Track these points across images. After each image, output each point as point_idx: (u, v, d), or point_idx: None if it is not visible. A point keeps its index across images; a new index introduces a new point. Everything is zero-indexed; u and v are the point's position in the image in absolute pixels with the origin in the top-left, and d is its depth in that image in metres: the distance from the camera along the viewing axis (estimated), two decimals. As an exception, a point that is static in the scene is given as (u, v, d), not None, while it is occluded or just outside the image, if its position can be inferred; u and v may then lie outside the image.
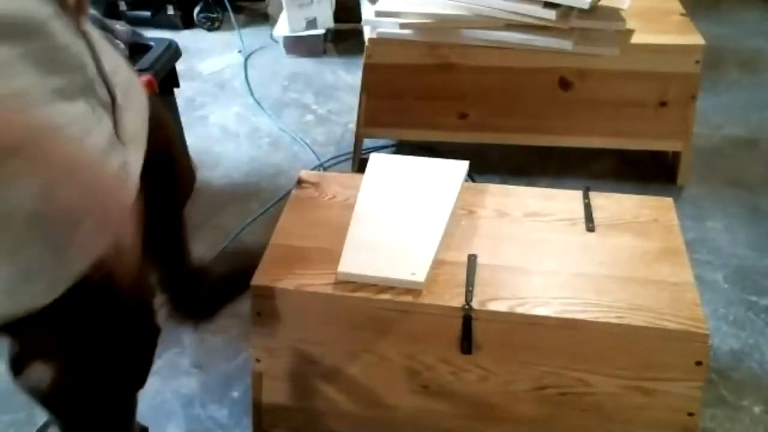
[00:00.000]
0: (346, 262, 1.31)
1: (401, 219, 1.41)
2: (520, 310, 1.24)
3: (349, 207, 1.47)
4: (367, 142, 2.31)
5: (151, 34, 2.19)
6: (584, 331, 1.23)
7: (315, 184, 1.56)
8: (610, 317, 1.22)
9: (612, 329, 1.22)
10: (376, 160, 1.59)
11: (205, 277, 1.76)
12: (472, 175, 2.09)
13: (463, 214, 1.46)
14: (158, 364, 1.68)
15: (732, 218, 2.05)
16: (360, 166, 2.22)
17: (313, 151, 2.40)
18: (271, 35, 3.11)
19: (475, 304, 1.25)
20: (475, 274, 1.31)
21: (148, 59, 1.92)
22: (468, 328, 1.26)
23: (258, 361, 1.39)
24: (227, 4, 3.10)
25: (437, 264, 1.33)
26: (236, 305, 1.82)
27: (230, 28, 3.23)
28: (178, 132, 2.18)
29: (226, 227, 2.09)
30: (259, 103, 2.68)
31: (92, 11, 1.94)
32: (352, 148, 2.30)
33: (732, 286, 1.82)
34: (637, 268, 1.32)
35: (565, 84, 2.07)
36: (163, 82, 1.94)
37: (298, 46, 2.99)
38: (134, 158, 1.07)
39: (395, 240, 1.36)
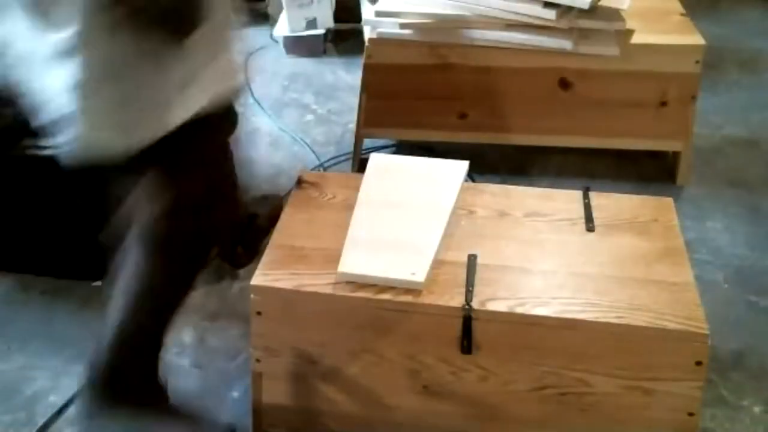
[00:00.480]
0: (346, 262, 1.31)
1: (401, 219, 1.41)
2: (520, 310, 1.24)
3: (349, 207, 1.47)
4: (367, 142, 2.31)
5: (151, 34, 2.19)
6: (584, 331, 1.23)
7: (315, 184, 1.56)
8: (610, 317, 1.22)
9: (612, 329, 1.22)
10: (376, 160, 1.59)
11: (255, 220, 1.93)
12: (472, 175, 2.09)
13: (463, 214, 1.46)
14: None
15: (732, 218, 2.05)
16: (360, 166, 2.22)
17: (313, 151, 2.40)
18: (271, 35, 3.10)
19: (475, 304, 1.25)
20: (475, 274, 1.31)
21: (148, 59, 1.92)
22: (468, 328, 1.26)
23: (258, 361, 1.39)
24: (227, 4, 3.09)
25: (437, 264, 1.33)
26: (236, 305, 1.82)
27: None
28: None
29: (226, 227, 2.09)
30: (259, 103, 2.67)
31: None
32: (352, 148, 2.30)
33: (732, 286, 1.82)
34: (637, 268, 1.32)
35: (565, 84, 2.07)
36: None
37: (298, 46, 2.98)
38: None
39: (395, 240, 1.36)
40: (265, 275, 1.33)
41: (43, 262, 1.93)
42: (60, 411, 1.57)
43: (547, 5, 1.88)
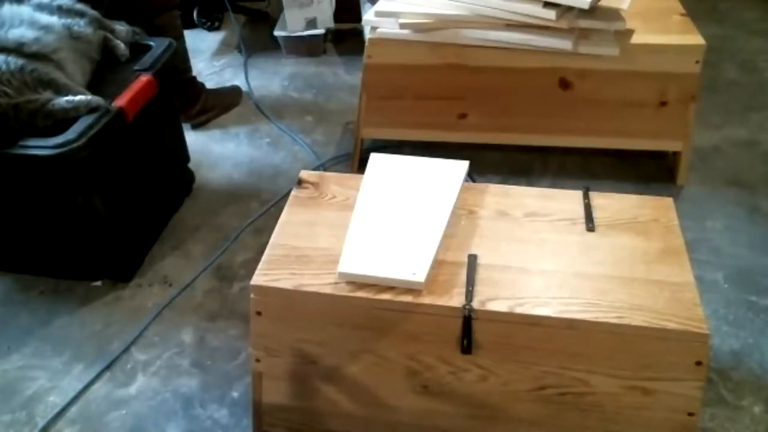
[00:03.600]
0: (346, 262, 1.31)
1: (401, 219, 1.41)
2: (520, 310, 1.24)
3: (349, 207, 1.47)
4: (367, 142, 2.32)
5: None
6: (584, 331, 1.23)
7: (315, 184, 1.56)
8: (610, 317, 1.22)
9: (612, 329, 1.22)
10: (376, 160, 1.59)
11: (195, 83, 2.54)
12: (472, 175, 2.09)
13: (463, 214, 1.46)
14: (158, 364, 1.68)
15: (732, 218, 2.05)
16: (360, 166, 2.22)
17: (313, 151, 2.40)
18: (271, 35, 3.11)
19: (475, 304, 1.25)
20: (475, 274, 1.31)
21: (148, 59, 1.92)
22: (468, 328, 1.26)
23: (258, 361, 1.39)
24: (227, 4, 3.10)
25: (437, 264, 1.33)
26: (236, 305, 1.83)
27: (230, 28, 3.23)
28: (177, 131, 2.19)
29: (226, 227, 2.09)
30: (258, 104, 2.68)
31: (93, 11, 1.95)
32: (352, 148, 2.30)
33: (732, 286, 1.82)
34: (637, 268, 1.32)
35: (565, 84, 2.07)
36: (163, 82, 1.94)
37: (298, 46, 2.99)
38: None
39: (395, 240, 1.36)
40: (265, 275, 1.33)
41: (43, 262, 1.93)
42: (60, 411, 1.57)
43: (547, 5, 1.88)
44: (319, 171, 2.25)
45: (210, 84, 2.69)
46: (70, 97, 1.65)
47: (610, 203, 1.48)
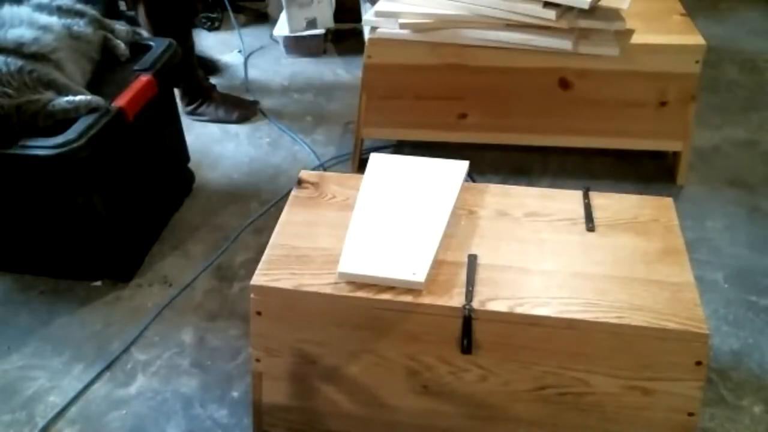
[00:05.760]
0: (346, 262, 1.31)
1: (401, 219, 1.41)
2: (520, 310, 1.24)
3: (349, 207, 1.47)
4: (367, 142, 2.32)
5: (151, 34, 2.19)
6: (584, 331, 1.23)
7: (315, 184, 1.56)
8: (610, 317, 1.22)
9: (612, 329, 1.22)
10: (376, 160, 1.59)
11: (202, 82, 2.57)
12: (472, 175, 2.09)
13: (463, 214, 1.46)
14: (158, 364, 1.68)
15: (732, 218, 2.05)
16: (360, 166, 2.23)
17: (313, 151, 2.40)
18: (271, 35, 3.11)
19: (475, 304, 1.25)
20: (475, 274, 1.31)
21: (148, 59, 1.92)
22: (468, 328, 1.26)
23: (258, 361, 1.39)
24: (227, 4, 3.10)
25: (437, 264, 1.33)
26: (236, 305, 1.82)
27: (230, 28, 3.23)
28: (177, 131, 2.19)
29: (226, 227, 2.09)
30: (258, 103, 2.67)
31: (92, 11, 1.95)
32: (352, 148, 2.30)
33: (732, 286, 1.82)
34: (637, 268, 1.32)
35: (565, 84, 2.07)
36: (163, 82, 1.94)
37: (298, 46, 2.99)
38: None
39: (395, 240, 1.36)
40: (265, 275, 1.33)
41: (43, 262, 1.93)
42: (60, 411, 1.57)
43: (547, 5, 1.88)
44: (319, 171, 2.25)
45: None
46: (70, 98, 1.65)
47: (610, 203, 1.49)
